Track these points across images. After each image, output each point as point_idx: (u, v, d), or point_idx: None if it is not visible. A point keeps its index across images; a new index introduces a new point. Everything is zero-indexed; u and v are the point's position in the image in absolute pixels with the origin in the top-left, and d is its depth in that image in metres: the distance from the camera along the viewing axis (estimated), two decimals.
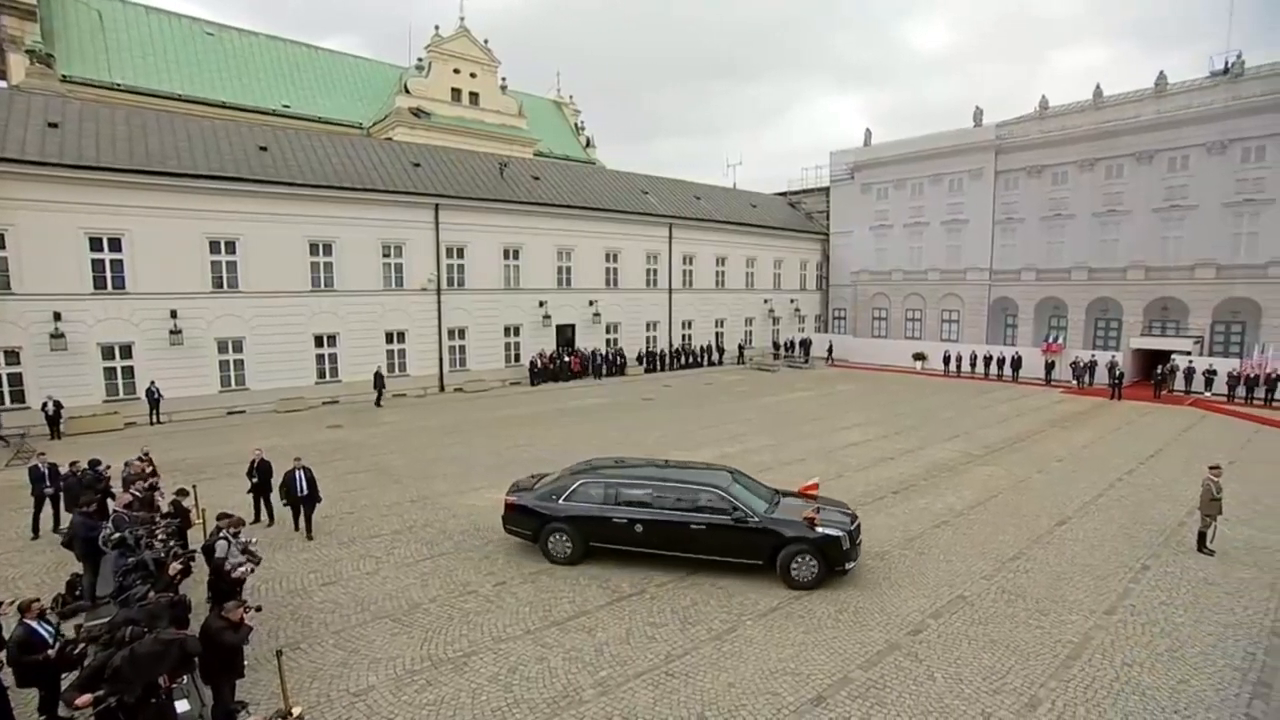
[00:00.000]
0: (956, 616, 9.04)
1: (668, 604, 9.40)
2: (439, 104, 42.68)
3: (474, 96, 44.93)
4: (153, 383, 22.06)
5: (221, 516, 8.79)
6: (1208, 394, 28.24)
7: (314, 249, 25.76)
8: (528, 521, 10.93)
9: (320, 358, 26.25)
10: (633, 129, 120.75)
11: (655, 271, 37.93)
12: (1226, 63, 33.58)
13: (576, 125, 57.54)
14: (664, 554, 10.42)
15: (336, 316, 26.37)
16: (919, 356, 37.86)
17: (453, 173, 30.52)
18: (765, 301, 44.16)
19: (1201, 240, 32.47)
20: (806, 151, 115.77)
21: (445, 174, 30.12)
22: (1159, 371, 29.66)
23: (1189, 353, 30.55)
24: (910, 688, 7.40)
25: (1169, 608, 9.37)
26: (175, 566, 7.84)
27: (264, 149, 25.42)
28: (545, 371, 31.97)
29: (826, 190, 48.66)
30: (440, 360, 29.29)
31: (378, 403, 26.03)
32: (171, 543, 8.45)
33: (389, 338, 27.94)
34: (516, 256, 31.88)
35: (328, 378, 26.41)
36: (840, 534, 9.88)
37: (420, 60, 43.72)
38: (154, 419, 22.02)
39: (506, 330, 31.79)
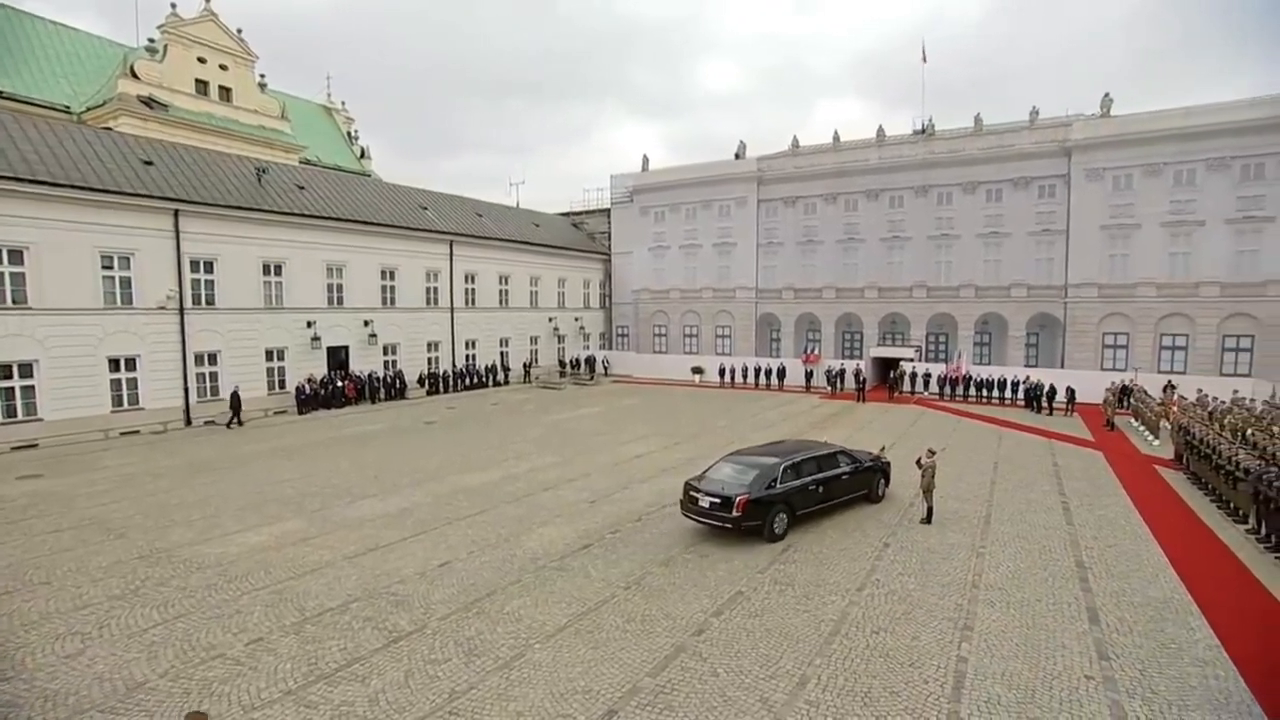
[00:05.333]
0: (736, 611, 9.57)
1: (450, 637, 8.77)
2: (179, 95, 37.09)
3: (225, 92, 39.79)
4: None
5: None
6: (926, 393, 33.80)
7: None
8: (761, 512, 12.17)
9: (9, 392, 21.15)
10: (428, 144, 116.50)
11: (436, 290, 36.42)
12: (923, 124, 41.14)
13: (350, 134, 53.67)
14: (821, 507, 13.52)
15: (34, 340, 21.46)
16: (697, 370, 40.56)
17: (197, 175, 26.58)
18: (550, 320, 44.52)
19: (916, 266, 39.07)
20: (604, 175, 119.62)
21: (187, 176, 26.13)
22: (892, 376, 34.87)
23: (912, 359, 36.38)
24: (696, 686, 7.63)
25: (904, 577, 10.82)
26: None
27: None
28: (315, 398, 28.94)
29: (608, 212, 50.59)
30: (185, 389, 25.17)
31: (229, 424, 25.17)
32: None
33: (114, 365, 23.40)
34: (279, 272, 28.63)
35: (20, 416, 21.34)
36: (889, 460, 15.67)
37: (152, 41, 37.64)
38: None
39: (269, 354, 28.33)
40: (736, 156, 45.58)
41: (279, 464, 19.02)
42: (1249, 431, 18.73)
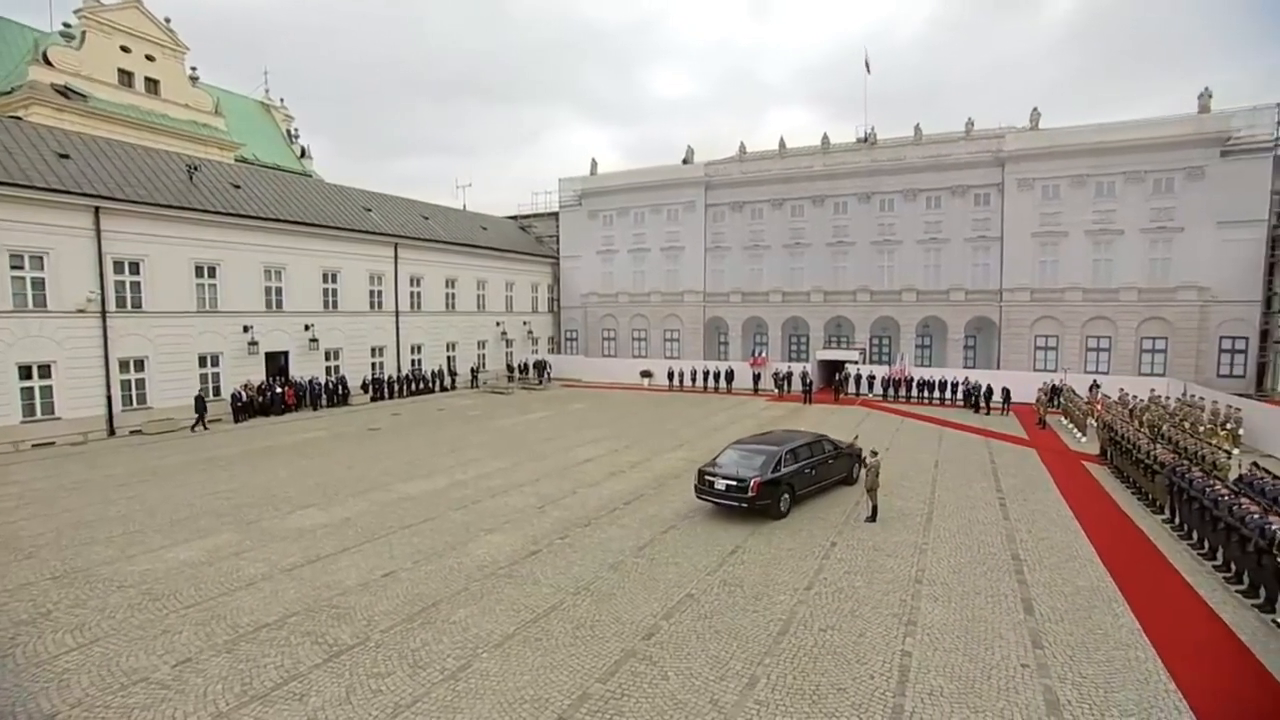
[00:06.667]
0: (686, 614, 9.58)
1: (394, 649, 8.50)
2: (101, 86, 35.17)
3: (153, 84, 37.96)
4: None
5: None
6: (871, 394, 34.68)
7: None
8: (773, 491, 13.71)
9: None
10: (373, 146, 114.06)
11: (380, 293, 35.52)
12: (865, 133, 42.29)
13: (289, 132, 51.94)
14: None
15: None
16: (646, 374, 40.60)
17: (121, 170, 25.23)
18: (498, 324, 44.00)
19: (860, 270, 40.11)
20: (555, 179, 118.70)
21: (110, 171, 24.77)
22: (837, 378, 35.65)
23: (856, 361, 37.25)
24: (646, 690, 7.59)
25: (850, 575, 11.03)
26: None
27: None
28: (252, 405, 27.81)
29: (556, 215, 50.33)
30: (108, 398, 23.80)
31: (194, 427, 25.18)
32: None
33: (24, 372, 21.94)
34: (213, 274, 27.43)
35: None
36: (861, 448, 16.90)
37: (68, 26, 35.52)
38: None
39: (202, 360, 27.07)
40: (684, 162, 45.96)
41: (213, 474, 18.15)
42: (1164, 428, 19.87)
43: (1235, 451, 19.55)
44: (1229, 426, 21.07)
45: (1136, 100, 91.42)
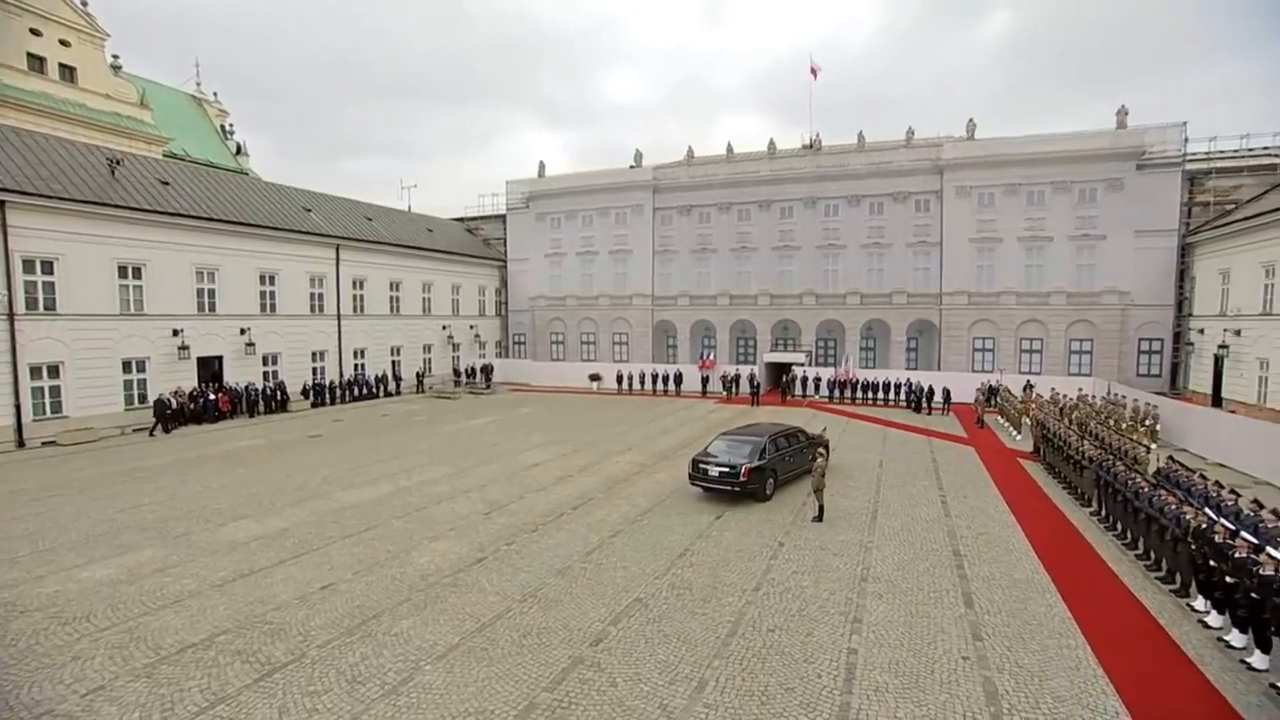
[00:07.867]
0: (634, 619, 9.48)
1: (331, 665, 8.13)
2: (8, 71, 32.83)
3: (69, 71, 35.73)
4: None
5: None
6: (817, 396, 35.33)
7: None
8: (760, 476, 15.16)
9: None
10: (315, 145, 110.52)
11: (322, 296, 34.32)
12: (810, 139, 43.14)
13: (223, 127, 49.76)
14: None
15: None
16: (594, 377, 40.39)
17: (31, 162, 23.68)
18: (444, 328, 43.10)
19: (806, 274, 40.82)
20: (504, 182, 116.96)
21: (19, 163, 23.22)
22: (784, 380, 36.17)
23: (803, 363, 37.90)
24: (594, 698, 7.46)
25: (798, 575, 11.13)
26: None
27: None
28: (183, 413, 26.44)
29: (504, 218, 49.71)
30: (17, 407, 22.24)
31: (153, 431, 24.79)
32: None
33: None
34: (138, 275, 26.00)
35: None
36: (829, 439, 19.03)
37: None
38: None
39: (127, 365, 25.63)
40: (633, 166, 46.01)
41: (137, 486, 17.14)
42: (1091, 425, 20.83)
43: (1153, 447, 20.64)
44: (1148, 423, 22.23)
45: (1076, 110, 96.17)
